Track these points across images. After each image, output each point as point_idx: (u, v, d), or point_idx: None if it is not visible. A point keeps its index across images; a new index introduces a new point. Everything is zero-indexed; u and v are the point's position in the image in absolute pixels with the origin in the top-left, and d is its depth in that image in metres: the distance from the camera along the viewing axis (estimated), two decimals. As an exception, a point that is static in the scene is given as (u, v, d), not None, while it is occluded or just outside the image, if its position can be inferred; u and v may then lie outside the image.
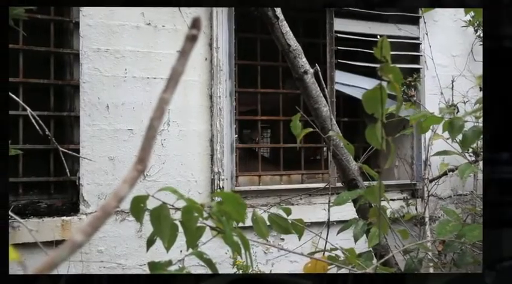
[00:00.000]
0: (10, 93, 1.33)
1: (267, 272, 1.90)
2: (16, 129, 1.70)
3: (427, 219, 2.15)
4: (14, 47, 1.69)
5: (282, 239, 1.96)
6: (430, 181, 2.20)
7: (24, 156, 1.70)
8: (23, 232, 1.53)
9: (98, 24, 1.78)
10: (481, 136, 0.82)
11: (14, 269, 1.14)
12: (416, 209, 2.21)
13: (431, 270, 1.31)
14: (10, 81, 1.64)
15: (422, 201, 2.23)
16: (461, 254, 0.98)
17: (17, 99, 1.39)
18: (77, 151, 1.72)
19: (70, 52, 1.81)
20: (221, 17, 1.95)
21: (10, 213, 1.21)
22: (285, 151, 2.24)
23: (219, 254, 1.72)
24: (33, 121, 1.35)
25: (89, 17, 1.77)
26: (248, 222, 0.68)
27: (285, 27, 1.21)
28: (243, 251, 0.57)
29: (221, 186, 1.91)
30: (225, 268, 1.73)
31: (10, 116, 1.62)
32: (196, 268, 0.77)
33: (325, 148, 2.35)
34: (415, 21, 2.28)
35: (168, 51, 1.87)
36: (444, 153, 0.97)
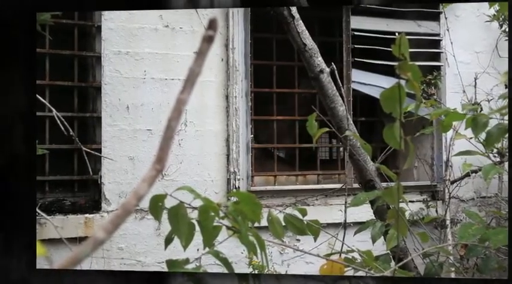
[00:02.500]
0: (37, 95, 1.39)
1: (283, 272, 1.90)
2: (43, 130, 1.78)
3: (448, 222, 2.08)
4: (41, 51, 1.77)
5: (298, 240, 1.95)
6: (452, 183, 2.13)
7: (50, 156, 1.77)
8: (49, 229, 1.60)
9: (118, 27, 1.84)
10: (506, 134, 0.78)
11: (41, 263, 1.19)
12: (436, 211, 2.14)
13: (452, 275, 1.26)
14: (37, 83, 1.71)
15: (443, 203, 2.16)
16: (485, 259, 0.94)
17: (43, 100, 1.46)
18: (99, 150, 1.78)
19: (92, 55, 1.87)
20: (237, 17, 1.96)
21: (37, 210, 1.26)
22: (301, 151, 2.23)
23: (235, 254, 1.73)
24: (58, 122, 1.41)
25: (110, 21, 1.83)
26: (264, 222, 0.68)
27: (301, 26, 1.21)
28: (258, 251, 0.58)
29: (237, 186, 1.92)
30: (241, 267, 1.74)
31: (37, 117, 1.69)
32: (213, 266, 0.78)
33: (341, 149, 2.32)
34: (435, 17, 2.21)
35: (185, 52, 1.90)
36: (467, 153, 0.93)
